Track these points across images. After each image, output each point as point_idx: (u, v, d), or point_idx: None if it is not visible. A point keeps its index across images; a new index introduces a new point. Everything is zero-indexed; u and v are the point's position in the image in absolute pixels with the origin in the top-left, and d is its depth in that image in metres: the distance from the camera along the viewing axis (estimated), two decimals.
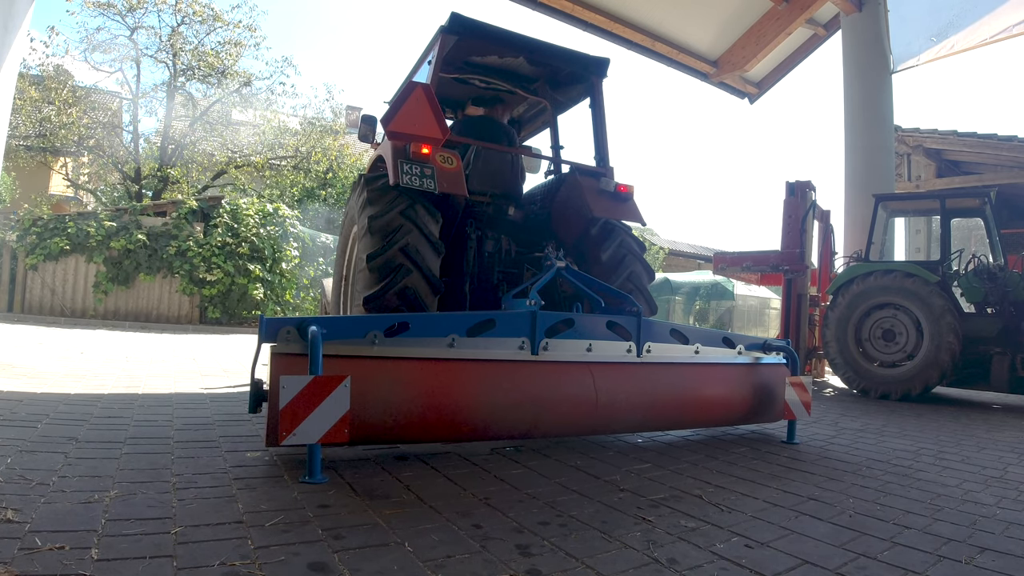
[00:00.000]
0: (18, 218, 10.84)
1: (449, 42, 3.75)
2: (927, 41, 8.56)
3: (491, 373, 2.43)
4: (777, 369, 3.29)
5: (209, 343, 7.73)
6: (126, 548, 1.39)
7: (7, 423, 2.50)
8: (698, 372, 3.03)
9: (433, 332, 2.34)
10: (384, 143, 3.58)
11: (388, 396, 2.19)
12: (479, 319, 2.47)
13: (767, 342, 3.34)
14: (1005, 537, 1.81)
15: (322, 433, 1.95)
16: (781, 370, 3.28)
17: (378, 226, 3.18)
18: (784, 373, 3.23)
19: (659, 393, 2.85)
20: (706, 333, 3.20)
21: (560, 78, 4.46)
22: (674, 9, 9.30)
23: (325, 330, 2.10)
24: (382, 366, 2.21)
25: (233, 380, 4.33)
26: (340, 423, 1.96)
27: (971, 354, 5.44)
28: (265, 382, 2.18)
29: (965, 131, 10.32)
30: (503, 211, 4.08)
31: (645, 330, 2.83)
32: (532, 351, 2.51)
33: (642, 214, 3.94)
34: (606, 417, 2.66)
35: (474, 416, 2.37)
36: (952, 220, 6.07)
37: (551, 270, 3.01)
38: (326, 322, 2.17)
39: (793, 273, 6.42)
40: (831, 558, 1.59)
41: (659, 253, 20.62)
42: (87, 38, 14.06)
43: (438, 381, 2.31)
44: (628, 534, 1.69)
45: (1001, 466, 2.83)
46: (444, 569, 1.40)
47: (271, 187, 16.25)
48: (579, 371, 2.61)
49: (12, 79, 5.82)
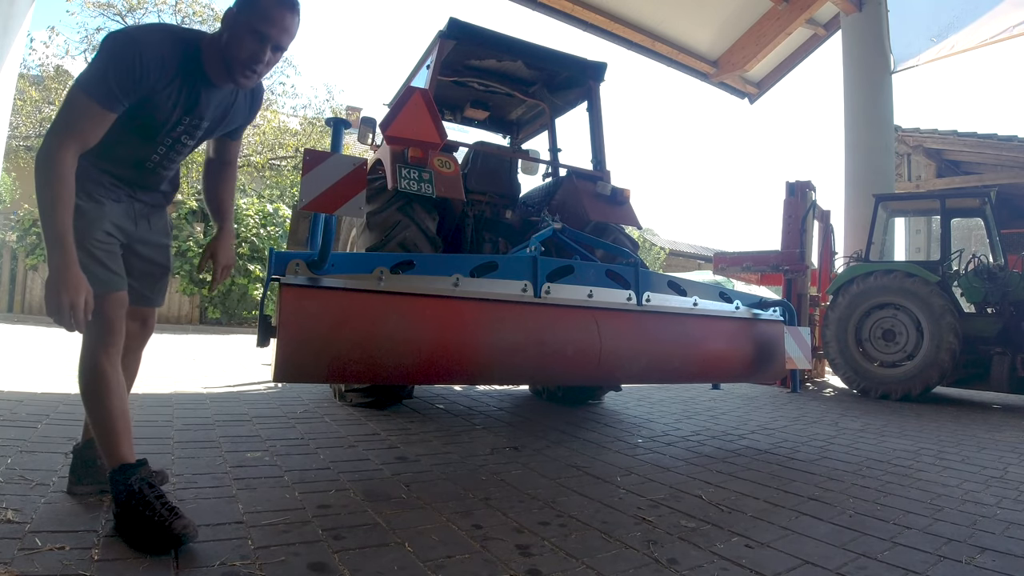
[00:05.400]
0: (18, 218, 10.84)
1: (448, 47, 3.77)
2: (927, 41, 8.56)
3: (496, 313, 2.42)
4: (775, 326, 3.28)
5: (209, 343, 7.72)
6: (126, 548, 1.39)
7: (7, 423, 2.50)
8: (698, 324, 3.01)
9: (437, 271, 2.34)
10: (383, 147, 3.59)
11: (394, 333, 2.17)
12: (482, 261, 2.48)
13: (763, 299, 3.33)
14: (1005, 537, 1.81)
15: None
16: (779, 327, 3.28)
17: (376, 222, 3.23)
18: (782, 330, 3.25)
19: (661, 342, 2.84)
20: (703, 287, 3.18)
21: (558, 82, 4.47)
22: (674, 9, 9.29)
23: (333, 263, 2.10)
24: (388, 302, 2.19)
25: (233, 380, 4.33)
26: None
27: (971, 354, 5.43)
28: (273, 318, 2.18)
29: (965, 131, 10.32)
30: (500, 213, 4.10)
31: (643, 280, 2.83)
32: (535, 294, 2.51)
33: (638, 218, 3.96)
34: (610, 364, 2.64)
35: (480, 357, 2.36)
36: (952, 220, 6.07)
37: (548, 229, 3.02)
38: (334, 256, 2.16)
39: (793, 273, 6.42)
40: (831, 558, 1.59)
41: (660, 253, 20.63)
42: (87, 38, 14.03)
43: (444, 319, 2.29)
44: (628, 534, 1.70)
45: (1001, 466, 2.83)
46: (444, 569, 1.40)
47: (271, 187, 16.23)
48: (583, 316, 2.61)
49: (12, 79, 5.83)
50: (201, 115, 1.65)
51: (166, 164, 1.70)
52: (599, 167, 4.17)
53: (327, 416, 3.19)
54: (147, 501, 1.43)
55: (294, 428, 2.85)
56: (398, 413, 3.40)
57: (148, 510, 1.42)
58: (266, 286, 2.12)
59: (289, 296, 2.02)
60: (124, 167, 1.64)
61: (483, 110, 4.94)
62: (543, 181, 4.56)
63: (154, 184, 1.74)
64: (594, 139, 4.19)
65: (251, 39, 1.53)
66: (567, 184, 4.04)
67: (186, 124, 1.64)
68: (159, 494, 1.47)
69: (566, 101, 4.63)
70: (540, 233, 2.99)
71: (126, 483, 1.46)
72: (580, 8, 8.76)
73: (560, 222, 3.12)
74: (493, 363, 2.42)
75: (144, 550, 1.37)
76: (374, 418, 3.20)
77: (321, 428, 2.89)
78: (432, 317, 2.28)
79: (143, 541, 1.39)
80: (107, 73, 1.42)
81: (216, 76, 1.60)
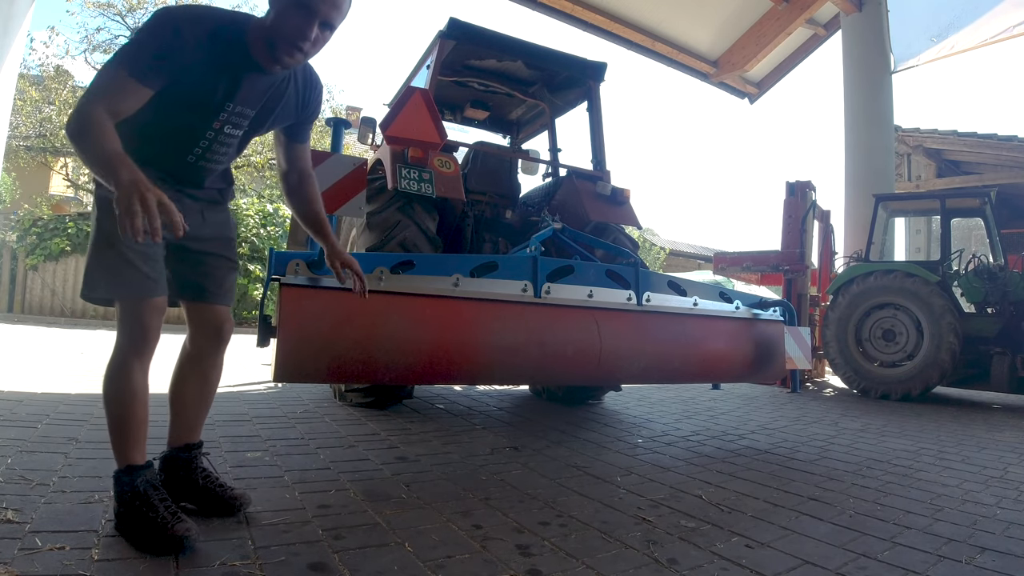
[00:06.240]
0: (18, 218, 10.84)
1: (448, 47, 3.78)
2: (927, 41, 8.55)
3: (496, 313, 2.42)
4: (775, 326, 3.28)
5: None
6: (126, 548, 1.39)
7: (7, 423, 2.50)
8: (698, 324, 3.01)
9: (437, 271, 2.34)
10: (383, 147, 3.60)
11: (394, 333, 2.17)
12: (482, 261, 2.48)
13: (763, 299, 3.33)
14: (1005, 537, 1.81)
15: None
16: (779, 327, 3.27)
17: (377, 222, 3.23)
18: (782, 330, 3.24)
19: (661, 342, 2.84)
20: (703, 287, 3.19)
21: (558, 82, 4.47)
22: (674, 9, 9.29)
23: None
24: (389, 302, 2.19)
25: (233, 380, 4.33)
26: None
27: (971, 354, 5.43)
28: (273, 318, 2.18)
29: (965, 131, 10.32)
30: (500, 213, 4.10)
31: (644, 280, 2.83)
32: (535, 294, 2.51)
33: (638, 218, 3.96)
34: (610, 364, 2.65)
35: (480, 357, 2.37)
36: (952, 220, 6.07)
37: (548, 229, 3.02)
38: None
39: (793, 273, 6.42)
40: (831, 558, 1.59)
41: (660, 253, 20.63)
42: (87, 38, 14.06)
43: (444, 319, 2.30)
44: (628, 534, 1.70)
45: (1001, 466, 2.83)
46: (444, 569, 1.40)
47: (271, 187, 16.23)
48: (583, 316, 2.61)
49: (12, 79, 5.83)
50: (244, 102, 1.55)
51: (211, 158, 1.61)
52: (599, 167, 4.17)
53: (327, 416, 3.19)
54: (151, 503, 1.43)
55: (294, 428, 2.85)
56: (398, 413, 3.40)
57: (151, 512, 1.41)
58: (266, 286, 2.12)
59: (289, 296, 2.02)
60: (167, 161, 1.56)
61: (483, 110, 4.95)
62: (543, 181, 4.56)
63: (201, 180, 1.65)
64: (594, 139, 4.20)
65: (297, 13, 1.42)
66: (567, 184, 4.04)
67: (229, 111, 1.54)
68: (163, 496, 1.47)
69: (566, 101, 4.64)
70: (540, 233, 2.99)
71: (132, 484, 1.46)
72: (580, 8, 8.76)
73: (560, 222, 3.12)
74: (493, 363, 2.42)
75: (145, 551, 1.37)
76: (374, 418, 3.20)
77: (321, 428, 2.89)
78: (432, 317, 2.28)
79: (144, 542, 1.39)
80: (141, 45, 1.38)
81: (261, 58, 1.50)
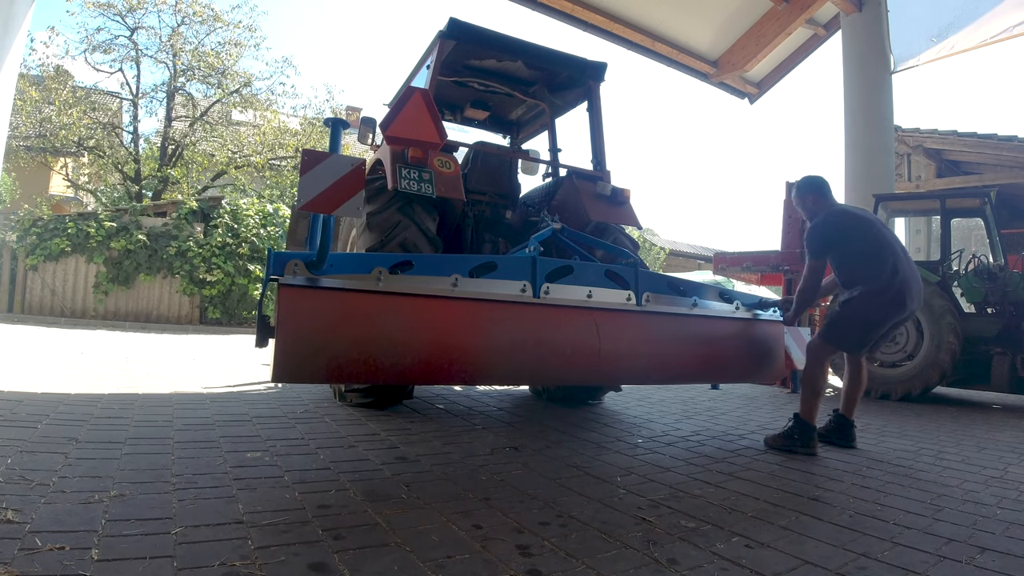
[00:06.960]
0: (18, 218, 10.83)
1: (448, 47, 3.77)
2: (927, 41, 8.55)
3: (495, 313, 2.42)
4: (775, 326, 3.27)
5: (209, 343, 7.73)
6: (126, 548, 1.39)
7: (7, 423, 2.50)
8: (698, 324, 3.01)
9: (436, 271, 2.33)
10: (383, 147, 3.59)
11: (393, 333, 2.17)
12: (481, 261, 2.48)
13: (763, 299, 3.33)
14: (1005, 537, 1.81)
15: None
16: (779, 327, 3.26)
17: (376, 222, 3.23)
18: (782, 330, 3.23)
19: (661, 343, 2.84)
20: (703, 287, 3.19)
21: (558, 82, 4.47)
22: (674, 9, 9.29)
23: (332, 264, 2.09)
24: (387, 302, 2.18)
25: (233, 380, 4.33)
26: None
27: (971, 354, 5.43)
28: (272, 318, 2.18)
29: (965, 131, 10.32)
30: (500, 213, 4.10)
31: (643, 280, 2.82)
32: (534, 294, 2.51)
33: (638, 218, 3.96)
34: (609, 365, 2.65)
35: (479, 357, 2.37)
36: (952, 220, 6.06)
37: (548, 229, 3.02)
38: (332, 256, 2.15)
39: (793, 273, 6.41)
40: (831, 558, 1.59)
41: (660, 253, 20.64)
42: (87, 38, 14.05)
43: (442, 320, 2.30)
44: (628, 534, 1.69)
45: (1001, 466, 2.83)
46: (444, 569, 1.40)
47: (271, 187, 16.23)
48: (582, 316, 2.61)
49: (12, 79, 5.83)
50: None
51: None
52: (599, 167, 4.16)
53: (327, 416, 3.19)
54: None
55: (294, 428, 2.85)
56: (398, 413, 3.40)
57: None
58: (265, 286, 2.12)
59: (288, 296, 2.01)
60: None
61: (483, 110, 4.94)
62: (543, 181, 4.56)
63: None
64: (594, 139, 4.19)
65: None
66: (567, 184, 4.04)
67: None
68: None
69: (566, 101, 4.63)
70: (540, 233, 2.98)
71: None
72: (580, 8, 8.76)
73: (560, 222, 3.12)
74: (492, 363, 2.42)
75: None
76: (374, 418, 3.20)
77: (321, 428, 2.89)
78: (431, 317, 2.28)
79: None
80: None
81: None
